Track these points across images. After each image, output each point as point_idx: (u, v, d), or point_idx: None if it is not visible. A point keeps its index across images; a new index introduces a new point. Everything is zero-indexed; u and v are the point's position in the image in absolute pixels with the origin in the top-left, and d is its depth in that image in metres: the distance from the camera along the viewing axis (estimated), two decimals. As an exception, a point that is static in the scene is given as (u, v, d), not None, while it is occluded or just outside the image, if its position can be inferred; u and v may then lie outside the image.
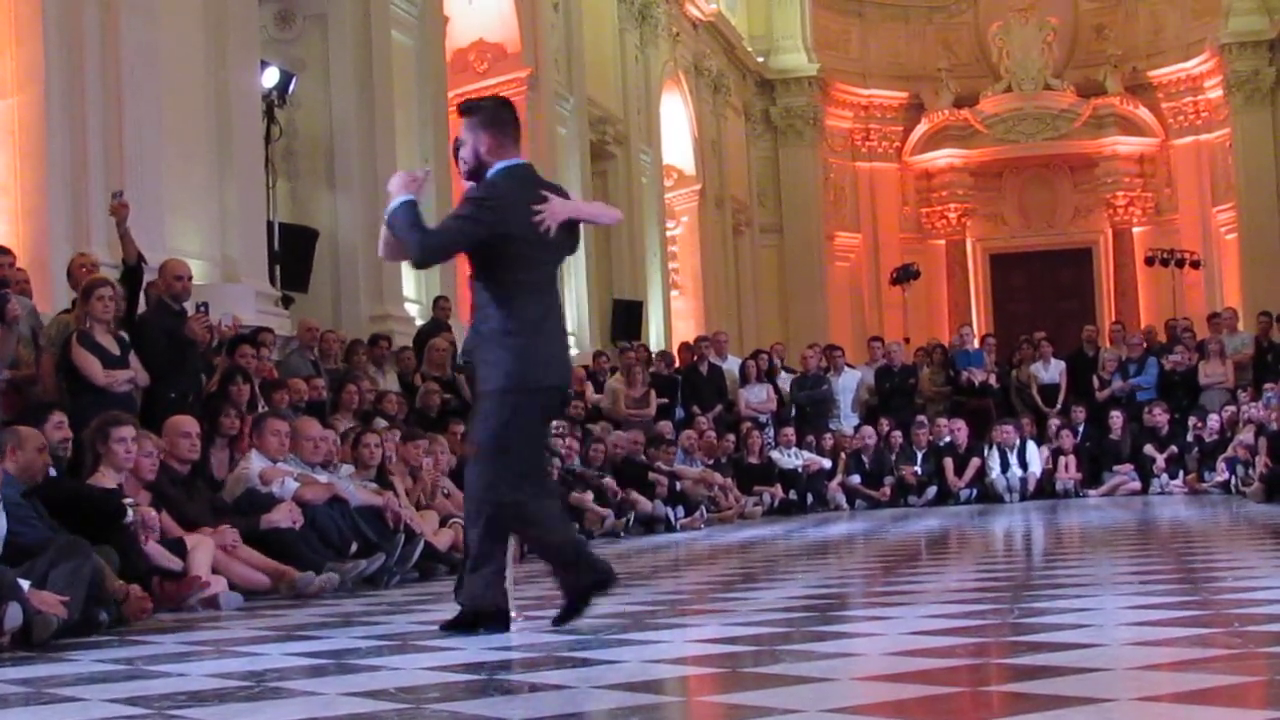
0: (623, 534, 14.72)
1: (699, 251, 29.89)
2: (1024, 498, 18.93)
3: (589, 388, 18.64)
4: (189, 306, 11.28)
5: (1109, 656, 4.81)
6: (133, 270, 11.43)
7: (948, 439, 19.52)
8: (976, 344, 22.07)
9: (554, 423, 15.95)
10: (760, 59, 33.86)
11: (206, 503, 9.52)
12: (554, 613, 6.50)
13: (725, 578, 9.60)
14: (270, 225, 15.58)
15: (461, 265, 7.63)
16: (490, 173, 6.65)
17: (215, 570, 8.60)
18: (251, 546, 9.06)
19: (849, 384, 20.81)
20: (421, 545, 10.00)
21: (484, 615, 6.40)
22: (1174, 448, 19.12)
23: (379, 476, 11.14)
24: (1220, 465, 17.87)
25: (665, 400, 18.93)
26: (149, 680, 5.39)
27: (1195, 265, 32.31)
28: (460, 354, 6.37)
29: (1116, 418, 19.61)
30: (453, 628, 6.41)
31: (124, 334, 10.55)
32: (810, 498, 18.68)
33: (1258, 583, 7.17)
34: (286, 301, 15.59)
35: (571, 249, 6.81)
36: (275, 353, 13.23)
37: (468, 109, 6.89)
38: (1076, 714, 3.74)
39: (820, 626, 6.16)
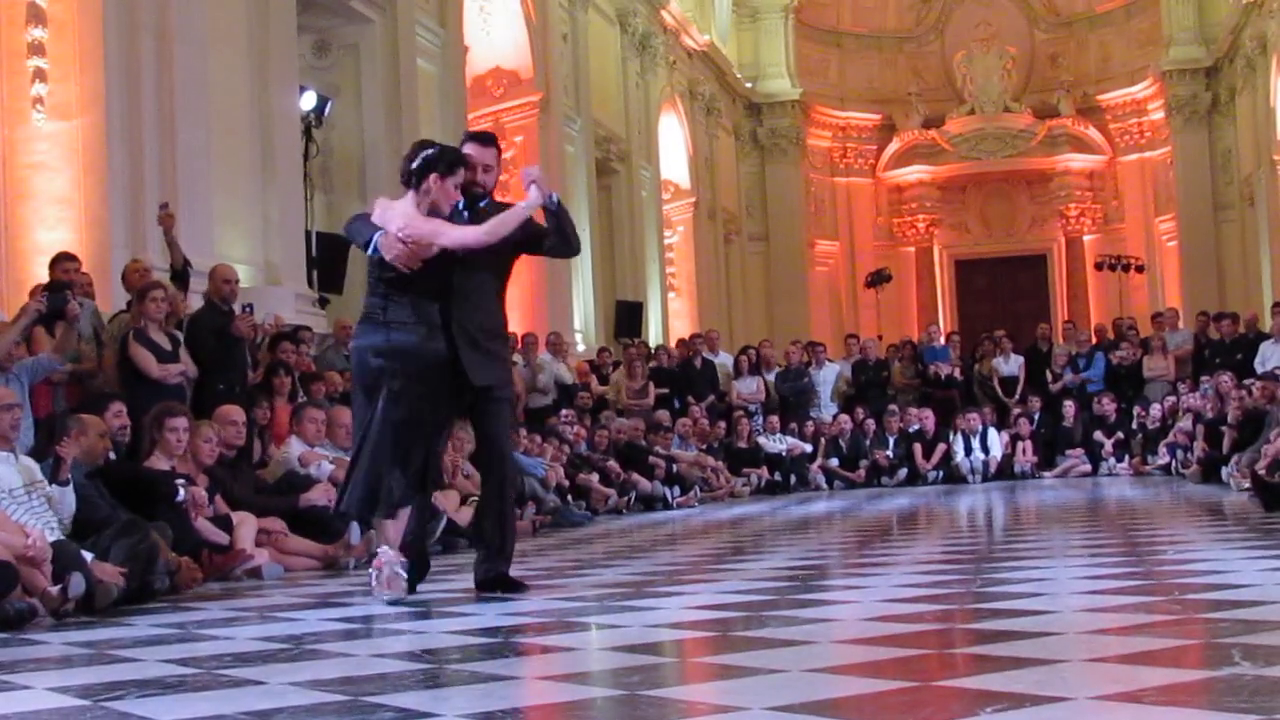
0: (625, 511, 14.71)
1: (694, 257, 29.89)
2: (985, 479, 18.91)
3: (594, 380, 18.67)
4: (236, 307, 11.28)
5: (1062, 622, 4.81)
6: (179, 274, 11.43)
7: (917, 426, 19.50)
8: (943, 341, 22.06)
9: (562, 412, 16.04)
10: (748, 84, 33.85)
11: (251, 483, 9.53)
12: (563, 582, 6.53)
13: (717, 550, 9.59)
14: (308, 234, 15.58)
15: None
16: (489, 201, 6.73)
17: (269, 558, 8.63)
18: (290, 522, 9.08)
19: (828, 376, 20.80)
20: (444, 521, 9.99)
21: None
22: (1120, 434, 19.11)
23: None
24: (1162, 450, 17.85)
25: (664, 391, 18.94)
26: (199, 643, 5.39)
27: (1139, 270, 32.34)
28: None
29: (1069, 407, 19.60)
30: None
31: (176, 331, 10.57)
32: (793, 479, 18.66)
33: (1196, 555, 7.16)
34: (323, 302, 15.59)
35: None
36: (313, 348, 13.23)
37: (494, 140, 6.88)
38: (1032, 674, 3.74)
39: (802, 595, 6.16)
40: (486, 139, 6.96)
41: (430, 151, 6.54)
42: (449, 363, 6.45)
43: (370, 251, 6.42)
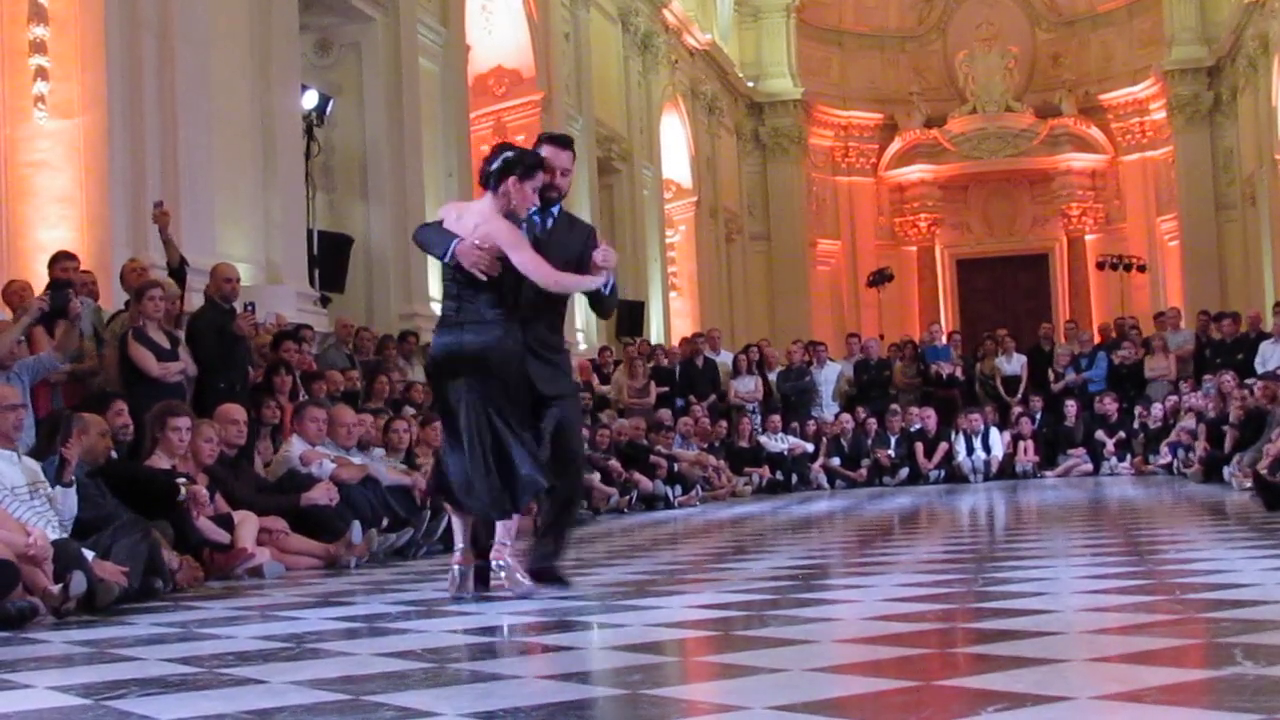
0: (626, 510, 14.71)
1: (695, 256, 29.89)
2: (987, 478, 18.92)
3: (595, 379, 18.65)
4: (238, 306, 11.28)
5: (1063, 621, 4.81)
6: (176, 272, 11.42)
7: (918, 425, 19.51)
8: (944, 340, 22.04)
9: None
10: (750, 84, 33.84)
11: (252, 482, 9.52)
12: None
13: (718, 550, 9.59)
14: (310, 233, 15.58)
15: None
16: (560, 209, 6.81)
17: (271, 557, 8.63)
18: (292, 521, 9.07)
19: (830, 376, 20.81)
20: (446, 520, 9.98)
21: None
22: (1122, 433, 19.12)
23: (408, 458, 11.15)
24: (1164, 449, 17.85)
25: (665, 390, 18.94)
26: (200, 642, 5.39)
27: (1141, 269, 32.34)
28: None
29: (1071, 406, 19.60)
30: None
31: (175, 330, 10.56)
32: (795, 478, 18.67)
33: (1197, 555, 7.16)
34: (324, 301, 15.59)
35: None
36: (314, 347, 13.23)
37: (571, 143, 6.96)
38: (1034, 673, 3.74)
39: (804, 594, 6.16)
40: (564, 141, 7.00)
41: (510, 154, 6.59)
42: (522, 362, 6.55)
43: (448, 259, 6.52)
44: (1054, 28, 35.77)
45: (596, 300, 6.95)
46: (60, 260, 10.48)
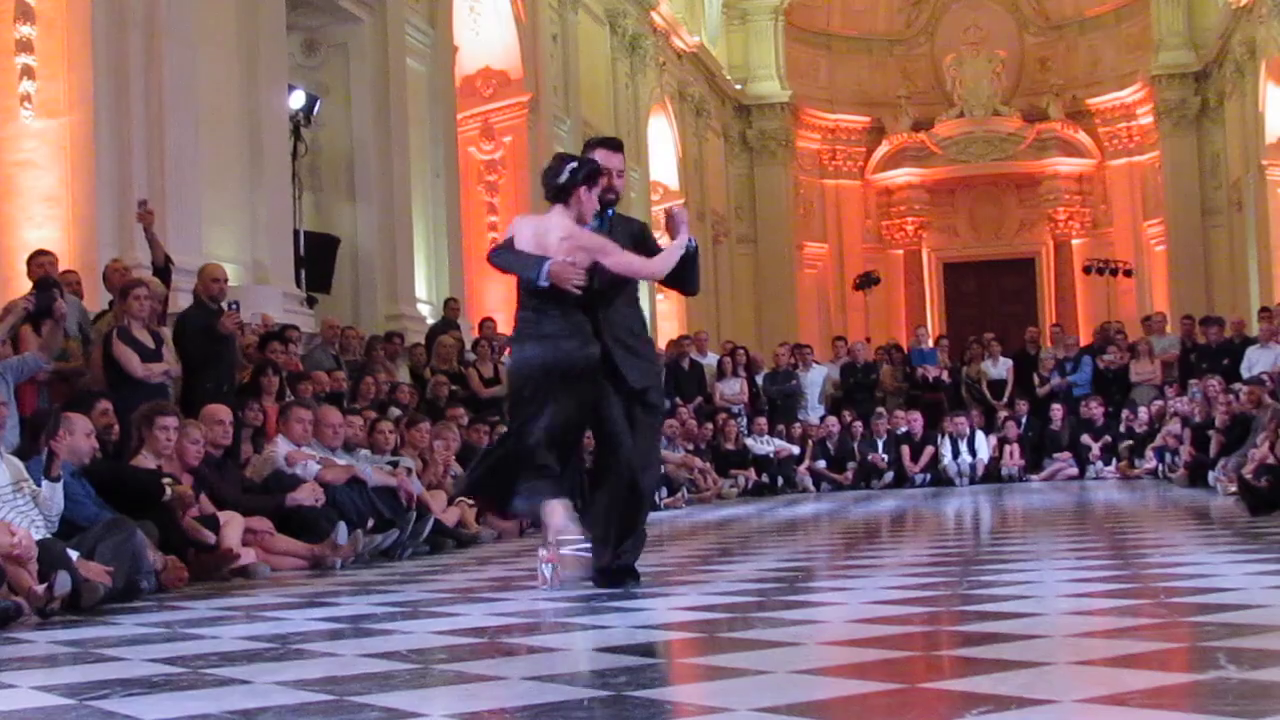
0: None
1: (682, 259, 29.82)
2: (973, 482, 18.93)
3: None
4: (222, 305, 11.26)
5: (1048, 624, 4.81)
6: (160, 271, 11.40)
7: (905, 429, 19.53)
8: (931, 344, 22.06)
9: None
10: (738, 86, 33.86)
11: (237, 482, 9.51)
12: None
13: (704, 552, 9.59)
14: (296, 233, 15.57)
15: (471, 267, 7.57)
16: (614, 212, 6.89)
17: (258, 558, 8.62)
18: (277, 522, 9.06)
19: (816, 379, 20.83)
20: (432, 522, 9.99)
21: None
22: (1108, 438, 19.14)
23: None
24: (1149, 454, 17.88)
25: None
26: (185, 642, 5.38)
27: (1128, 274, 32.40)
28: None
29: (1057, 410, 19.63)
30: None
31: (161, 329, 10.54)
32: (780, 480, 18.68)
33: (1182, 559, 7.17)
34: (311, 302, 15.58)
35: None
36: (301, 348, 13.21)
37: (622, 145, 7.10)
38: (1019, 676, 3.74)
39: (789, 596, 6.16)
40: (615, 144, 7.15)
41: (575, 164, 6.67)
42: (600, 366, 6.61)
43: (543, 282, 6.49)
44: (1042, 32, 35.83)
45: (685, 270, 6.90)
46: (36, 256, 10.46)
